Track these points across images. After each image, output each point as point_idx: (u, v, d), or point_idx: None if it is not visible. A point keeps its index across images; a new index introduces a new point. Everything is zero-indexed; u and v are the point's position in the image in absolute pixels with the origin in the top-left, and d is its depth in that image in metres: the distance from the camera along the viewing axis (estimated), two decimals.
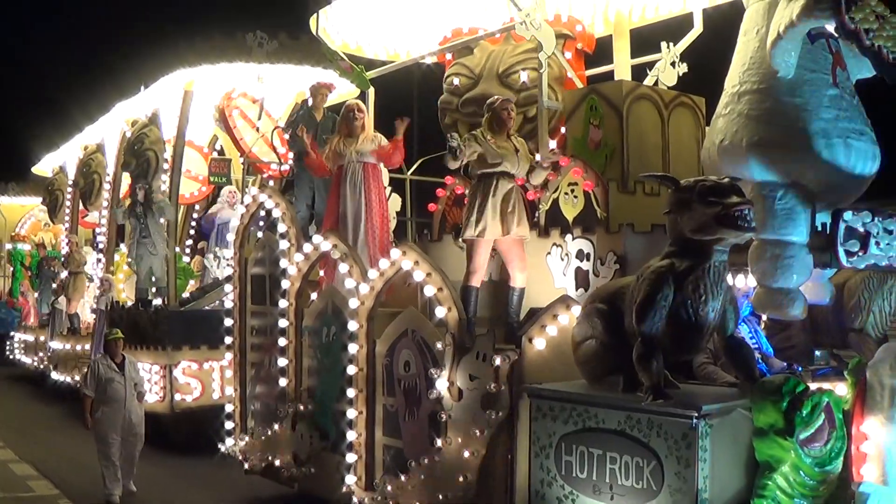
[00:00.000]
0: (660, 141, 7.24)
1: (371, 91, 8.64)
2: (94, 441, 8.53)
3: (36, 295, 18.56)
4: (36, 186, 20.60)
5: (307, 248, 7.69)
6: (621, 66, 8.25)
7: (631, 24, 8.46)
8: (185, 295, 12.31)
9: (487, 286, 7.04)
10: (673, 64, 8.04)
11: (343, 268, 7.21)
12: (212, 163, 13.03)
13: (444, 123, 8.39)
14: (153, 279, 12.11)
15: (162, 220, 11.89)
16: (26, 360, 18.27)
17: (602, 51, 8.58)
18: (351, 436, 6.96)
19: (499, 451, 5.82)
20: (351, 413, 6.96)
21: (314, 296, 7.81)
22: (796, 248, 5.29)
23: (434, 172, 10.28)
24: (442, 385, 6.15)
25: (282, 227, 7.99)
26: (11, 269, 21.38)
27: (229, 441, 8.66)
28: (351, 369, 6.97)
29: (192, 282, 13.56)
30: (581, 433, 5.19)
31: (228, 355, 8.83)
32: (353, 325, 7.00)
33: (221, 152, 14.12)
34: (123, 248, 13.91)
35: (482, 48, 8.37)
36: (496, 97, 6.88)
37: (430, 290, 6.36)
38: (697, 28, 8.23)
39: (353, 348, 6.98)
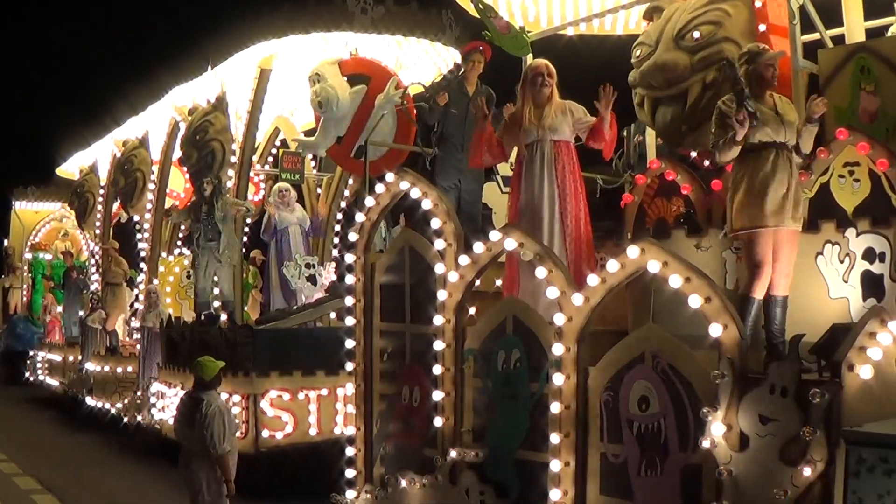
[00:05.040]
0: None
1: (529, 58, 7.03)
2: None
3: (60, 309, 16.78)
4: (57, 190, 18.89)
5: (478, 248, 6.03)
6: (854, 28, 6.67)
7: None
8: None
9: None
10: None
11: (540, 273, 5.55)
12: (284, 157, 11.30)
13: (636, 104, 6.76)
14: (215, 291, 10.44)
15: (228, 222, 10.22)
16: (52, 381, 16.48)
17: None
18: (554, 494, 5.31)
19: None
20: (553, 465, 5.32)
21: (472, 310, 6.20)
22: None
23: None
24: (717, 430, 4.53)
25: (435, 223, 6.33)
26: (31, 279, 19.51)
27: (350, 493, 6.95)
28: (553, 407, 5.33)
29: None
30: None
31: (349, 385, 7.10)
32: (557, 349, 5.35)
33: (284, 144, 12.50)
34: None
35: (668, 8, 6.77)
36: (761, 47, 5.24)
37: (694, 301, 4.71)
38: None
39: (557, 379, 5.33)
